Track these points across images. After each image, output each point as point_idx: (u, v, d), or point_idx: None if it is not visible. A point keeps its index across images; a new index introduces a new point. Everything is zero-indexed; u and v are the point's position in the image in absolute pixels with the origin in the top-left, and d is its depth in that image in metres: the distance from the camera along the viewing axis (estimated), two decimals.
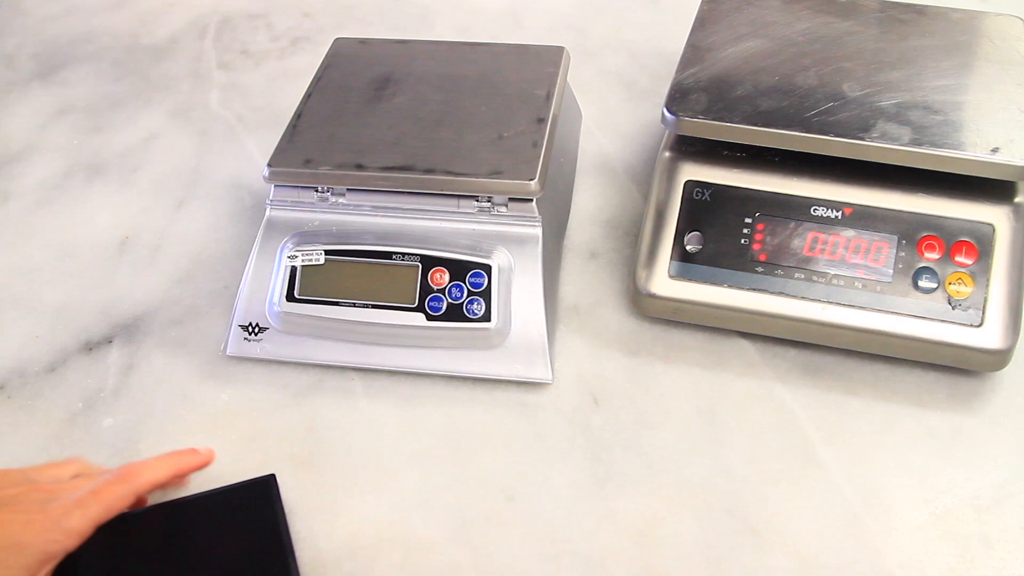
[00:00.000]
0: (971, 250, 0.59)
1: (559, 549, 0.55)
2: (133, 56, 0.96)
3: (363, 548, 0.55)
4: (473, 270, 0.61)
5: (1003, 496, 0.56)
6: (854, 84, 0.62)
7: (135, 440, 0.61)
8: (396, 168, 0.61)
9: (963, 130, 0.58)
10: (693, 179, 0.63)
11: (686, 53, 0.65)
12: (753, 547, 0.54)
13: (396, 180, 0.61)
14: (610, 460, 0.59)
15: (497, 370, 0.61)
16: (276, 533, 0.53)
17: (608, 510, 0.56)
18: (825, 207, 0.61)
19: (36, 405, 0.63)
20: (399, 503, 0.57)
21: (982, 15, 0.69)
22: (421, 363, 0.62)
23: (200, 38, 0.97)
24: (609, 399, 0.62)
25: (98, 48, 0.97)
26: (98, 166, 0.83)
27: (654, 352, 0.64)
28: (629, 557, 0.54)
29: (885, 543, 0.54)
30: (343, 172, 0.62)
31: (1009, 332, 0.57)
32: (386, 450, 0.60)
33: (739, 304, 0.61)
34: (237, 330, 0.63)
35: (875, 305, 0.59)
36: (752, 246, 0.61)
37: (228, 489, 0.55)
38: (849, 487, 0.57)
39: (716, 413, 0.61)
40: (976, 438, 0.59)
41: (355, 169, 0.62)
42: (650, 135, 0.80)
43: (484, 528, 0.56)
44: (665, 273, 0.62)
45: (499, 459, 0.59)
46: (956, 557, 0.53)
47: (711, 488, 0.57)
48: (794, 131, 0.59)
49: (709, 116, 0.60)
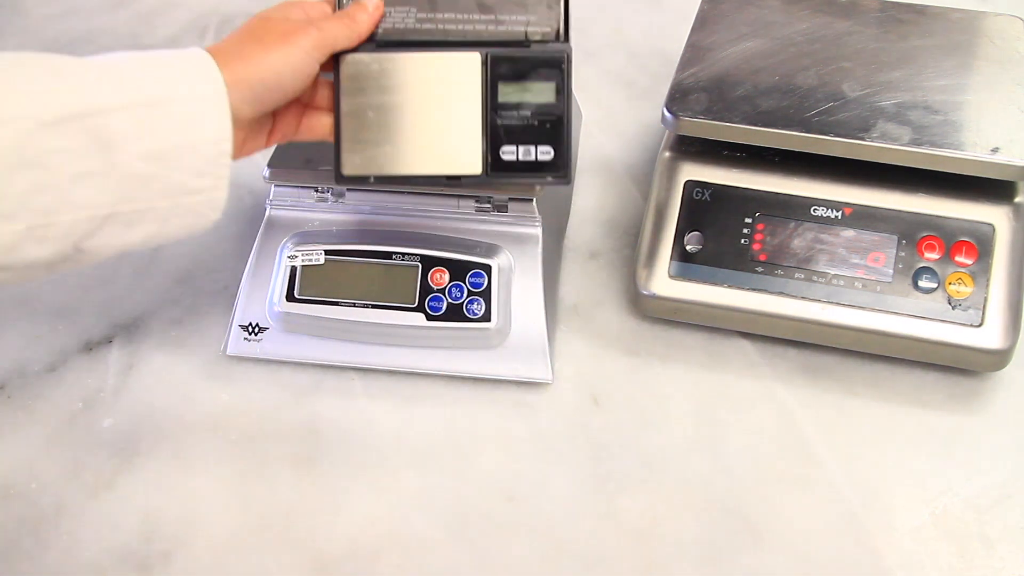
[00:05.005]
0: (971, 250, 0.59)
1: (559, 549, 0.55)
2: None
3: (363, 548, 0.55)
4: (473, 270, 0.61)
5: (1003, 496, 0.56)
6: (854, 84, 0.62)
7: (135, 440, 0.61)
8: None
9: (963, 130, 0.58)
10: (693, 179, 0.63)
11: (686, 53, 0.65)
12: (753, 547, 0.54)
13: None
14: (610, 460, 0.59)
15: (497, 370, 0.61)
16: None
17: (608, 510, 0.56)
18: (825, 207, 0.61)
19: (36, 405, 0.63)
20: (399, 503, 0.57)
21: (982, 15, 0.69)
22: (421, 363, 0.62)
23: (200, 38, 0.97)
24: (609, 399, 0.62)
25: (98, 48, 0.97)
26: None
27: (654, 352, 0.64)
28: (629, 557, 0.54)
29: (885, 543, 0.54)
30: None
31: (1009, 332, 0.57)
32: (386, 450, 0.60)
33: (739, 304, 0.61)
34: (237, 330, 0.63)
35: (875, 305, 0.59)
36: (752, 246, 0.61)
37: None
38: (849, 487, 0.57)
39: (716, 413, 0.61)
40: (976, 438, 0.59)
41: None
42: (650, 135, 0.80)
43: (484, 528, 0.56)
44: (665, 273, 0.62)
45: (499, 459, 0.59)
46: (956, 557, 0.53)
47: (711, 488, 0.57)
48: (794, 131, 0.59)
49: (709, 116, 0.60)
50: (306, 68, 0.51)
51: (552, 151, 0.54)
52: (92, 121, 0.43)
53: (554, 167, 0.54)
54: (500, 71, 0.54)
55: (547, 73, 0.54)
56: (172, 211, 0.46)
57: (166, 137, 0.45)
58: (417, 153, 0.54)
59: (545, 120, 0.54)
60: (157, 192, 0.45)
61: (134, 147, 0.44)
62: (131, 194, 0.45)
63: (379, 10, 0.54)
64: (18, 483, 0.59)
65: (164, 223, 0.47)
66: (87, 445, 0.61)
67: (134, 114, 0.44)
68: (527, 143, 0.54)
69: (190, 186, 0.46)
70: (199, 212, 0.48)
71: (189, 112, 0.46)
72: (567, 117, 0.54)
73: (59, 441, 0.61)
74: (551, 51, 0.54)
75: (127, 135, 0.44)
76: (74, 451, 0.60)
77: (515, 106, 0.54)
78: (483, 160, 0.54)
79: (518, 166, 0.54)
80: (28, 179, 0.41)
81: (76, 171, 0.43)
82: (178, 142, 0.45)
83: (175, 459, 0.60)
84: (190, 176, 0.46)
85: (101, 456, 0.60)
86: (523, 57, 0.54)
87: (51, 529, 0.57)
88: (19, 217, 0.42)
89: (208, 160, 0.47)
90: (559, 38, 0.55)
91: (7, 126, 0.41)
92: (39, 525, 0.57)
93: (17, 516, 0.57)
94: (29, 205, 0.42)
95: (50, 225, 0.43)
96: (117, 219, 0.45)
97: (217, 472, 0.59)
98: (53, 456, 0.60)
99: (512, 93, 0.54)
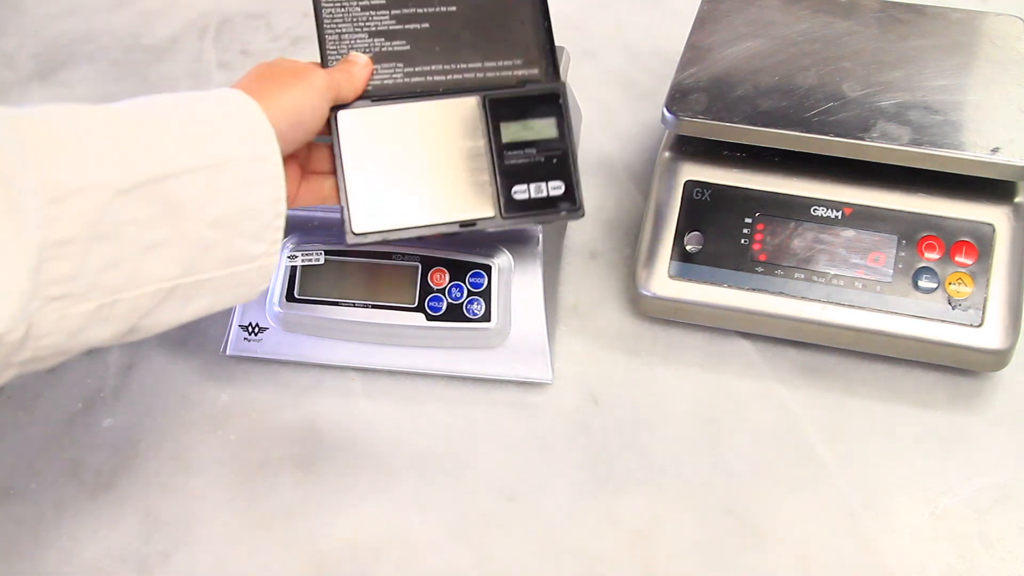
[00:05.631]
0: (971, 250, 0.59)
1: (559, 549, 0.55)
2: (133, 56, 0.96)
3: (363, 548, 0.55)
4: (473, 270, 0.61)
5: (1003, 496, 0.56)
6: (854, 84, 0.62)
7: (135, 440, 0.61)
8: None
9: (963, 130, 0.58)
10: (693, 179, 0.63)
11: (686, 53, 0.65)
12: (753, 547, 0.54)
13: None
14: (610, 460, 0.59)
15: (497, 370, 0.61)
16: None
17: (608, 510, 0.56)
18: (825, 207, 0.61)
19: (36, 405, 0.63)
20: (399, 503, 0.57)
21: (982, 15, 0.69)
22: (421, 363, 0.62)
23: (200, 38, 0.97)
24: (609, 399, 0.62)
25: (98, 48, 0.97)
26: None
27: (654, 352, 0.64)
28: (629, 557, 0.54)
29: (885, 543, 0.54)
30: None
31: (1009, 332, 0.57)
32: (386, 450, 0.60)
33: (739, 304, 0.61)
34: (237, 330, 0.63)
35: (875, 305, 0.59)
36: (752, 246, 0.61)
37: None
38: (849, 487, 0.57)
39: (716, 413, 0.61)
40: (976, 438, 0.59)
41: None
42: (650, 135, 0.80)
43: (484, 528, 0.56)
44: (665, 273, 0.62)
45: (499, 459, 0.59)
46: (956, 557, 0.53)
47: (711, 488, 0.57)
48: (794, 131, 0.59)
49: (709, 116, 0.60)
50: (322, 107, 0.50)
51: (563, 185, 0.54)
52: (164, 186, 0.41)
53: (566, 200, 0.54)
54: (500, 112, 0.54)
55: (546, 109, 0.55)
56: (228, 281, 0.44)
57: (229, 201, 0.43)
58: (427, 203, 0.53)
59: (551, 155, 0.54)
60: (217, 261, 0.43)
61: (201, 213, 0.42)
62: (195, 264, 0.43)
63: (369, 67, 0.54)
64: (18, 483, 0.59)
65: (219, 295, 0.45)
66: (87, 445, 0.61)
67: (201, 177, 0.42)
68: (537, 180, 0.54)
69: (247, 253, 0.45)
70: (250, 281, 0.46)
71: (248, 173, 0.44)
72: (572, 150, 0.54)
73: (59, 441, 0.61)
74: (546, 87, 0.55)
75: (196, 200, 0.42)
76: (74, 451, 0.60)
77: (520, 144, 0.54)
78: (496, 202, 0.54)
79: (531, 204, 0.54)
80: (103, 254, 0.39)
81: (148, 242, 0.40)
82: (240, 205, 0.43)
83: (175, 459, 0.60)
84: (248, 242, 0.44)
85: (101, 456, 0.60)
86: (520, 97, 0.55)
87: (51, 529, 0.57)
88: (90, 297, 0.39)
89: (264, 224, 0.45)
90: (548, 76, 0.55)
91: (85, 195, 0.38)
92: (39, 525, 0.57)
93: (17, 516, 0.57)
94: (101, 283, 0.39)
95: (117, 303, 0.40)
96: (178, 293, 0.43)
97: (217, 472, 0.59)
98: (53, 456, 0.60)
99: (515, 132, 0.54)
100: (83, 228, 0.38)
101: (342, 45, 0.54)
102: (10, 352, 0.38)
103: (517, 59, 0.55)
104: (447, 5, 0.55)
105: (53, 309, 0.38)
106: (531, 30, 0.56)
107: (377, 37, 0.54)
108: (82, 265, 0.38)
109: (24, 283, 0.36)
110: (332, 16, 0.54)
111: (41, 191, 0.37)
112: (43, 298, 0.37)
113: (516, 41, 0.55)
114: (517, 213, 0.54)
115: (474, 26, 0.55)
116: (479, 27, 0.55)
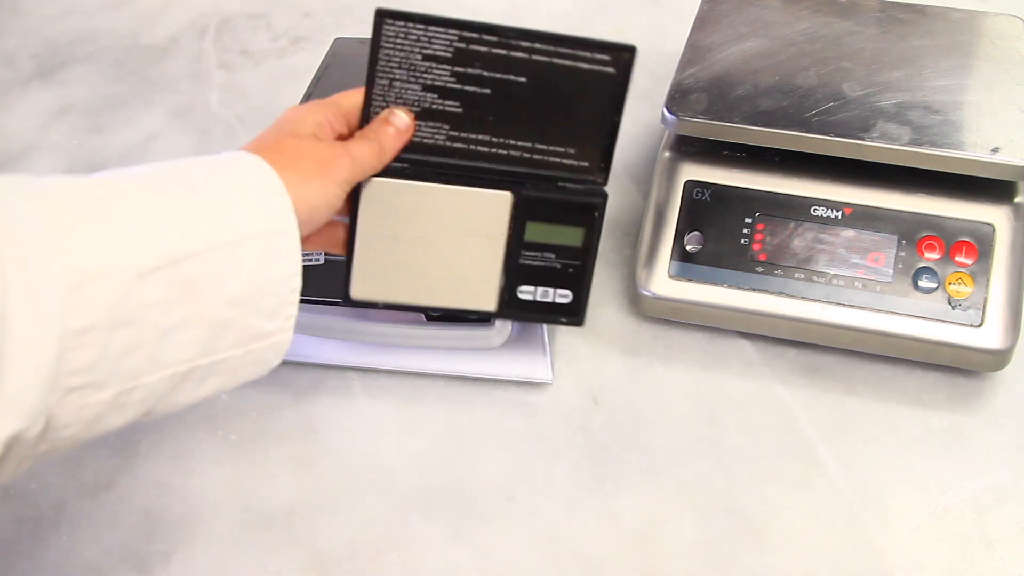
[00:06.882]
0: (971, 250, 0.59)
1: (559, 549, 0.55)
2: (133, 56, 0.96)
3: (363, 548, 0.55)
4: None
5: (1003, 496, 0.56)
6: (854, 84, 0.62)
7: (135, 440, 0.61)
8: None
9: (963, 130, 0.58)
10: (693, 179, 0.63)
11: (686, 53, 0.65)
12: (753, 547, 0.54)
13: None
14: (610, 460, 0.59)
15: (497, 370, 0.61)
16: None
17: (608, 510, 0.56)
18: (825, 207, 0.61)
19: None
20: (399, 503, 0.57)
21: (982, 15, 0.69)
22: (421, 363, 0.62)
23: (200, 38, 0.97)
24: (609, 399, 0.62)
25: (98, 48, 0.97)
26: (98, 166, 0.83)
27: (654, 352, 0.64)
28: (629, 557, 0.54)
29: (885, 543, 0.54)
30: None
31: (1009, 332, 0.57)
32: (386, 450, 0.60)
33: (739, 304, 0.61)
34: None
35: (875, 305, 0.59)
36: (752, 246, 0.61)
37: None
38: (849, 487, 0.57)
39: (716, 413, 0.61)
40: (976, 438, 0.59)
41: None
42: (650, 135, 0.80)
43: (484, 528, 0.56)
44: (665, 273, 0.62)
45: (499, 459, 0.59)
46: (956, 557, 0.53)
47: (711, 488, 0.57)
48: (794, 131, 0.59)
49: (709, 116, 0.60)
50: (338, 202, 0.47)
51: (571, 295, 0.52)
52: (183, 266, 0.39)
53: (570, 311, 0.53)
54: (532, 210, 0.51)
55: (579, 218, 0.51)
56: (242, 360, 0.43)
57: (247, 278, 0.41)
58: (430, 285, 0.52)
59: (569, 264, 0.52)
60: (233, 340, 0.42)
61: (219, 291, 0.40)
62: (211, 344, 0.41)
63: (410, 132, 0.49)
64: (18, 483, 0.59)
65: (233, 374, 0.43)
66: (87, 445, 0.61)
67: (220, 255, 0.40)
68: (547, 285, 0.52)
69: (263, 330, 0.43)
70: (264, 359, 0.44)
71: (266, 248, 0.42)
72: (591, 263, 0.52)
73: None
74: (588, 194, 0.51)
75: (214, 278, 0.40)
76: (74, 451, 0.60)
77: (541, 246, 0.51)
78: (499, 297, 0.52)
79: (534, 306, 0.52)
80: (123, 340, 0.37)
81: (167, 324, 0.39)
82: (257, 281, 0.42)
83: (175, 459, 0.60)
84: (263, 319, 0.43)
85: (101, 456, 0.60)
86: (557, 200, 0.51)
87: (51, 529, 0.57)
88: (109, 385, 0.38)
89: (279, 300, 0.43)
90: (597, 174, 0.51)
91: (107, 280, 0.37)
92: (39, 525, 0.57)
93: (17, 516, 0.57)
94: (120, 370, 0.38)
95: (135, 389, 0.39)
96: (193, 375, 0.41)
97: (217, 472, 0.59)
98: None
99: (540, 233, 0.51)
100: (104, 314, 0.37)
101: (391, 93, 0.49)
102: (29, 447, 0.36)
103: (571, 147, 0.50)
104: (518, 75, 0.48)
105: (72, 400, 0.37)
106: (595, 119, 0.50)
107: (431, 92, 0.48)
108: (103, 353, 0.37)
109: (45, 375, 0.35)
110: (389, 59, 0.48)
111: (63, 276, 0.35)
112: (63, 389, 0.36)
113: (575, 129, 0.50)
114: (516, 312, 0.53)
115: (537, 103, 0.49)
116: (542, 105, 0.49)
